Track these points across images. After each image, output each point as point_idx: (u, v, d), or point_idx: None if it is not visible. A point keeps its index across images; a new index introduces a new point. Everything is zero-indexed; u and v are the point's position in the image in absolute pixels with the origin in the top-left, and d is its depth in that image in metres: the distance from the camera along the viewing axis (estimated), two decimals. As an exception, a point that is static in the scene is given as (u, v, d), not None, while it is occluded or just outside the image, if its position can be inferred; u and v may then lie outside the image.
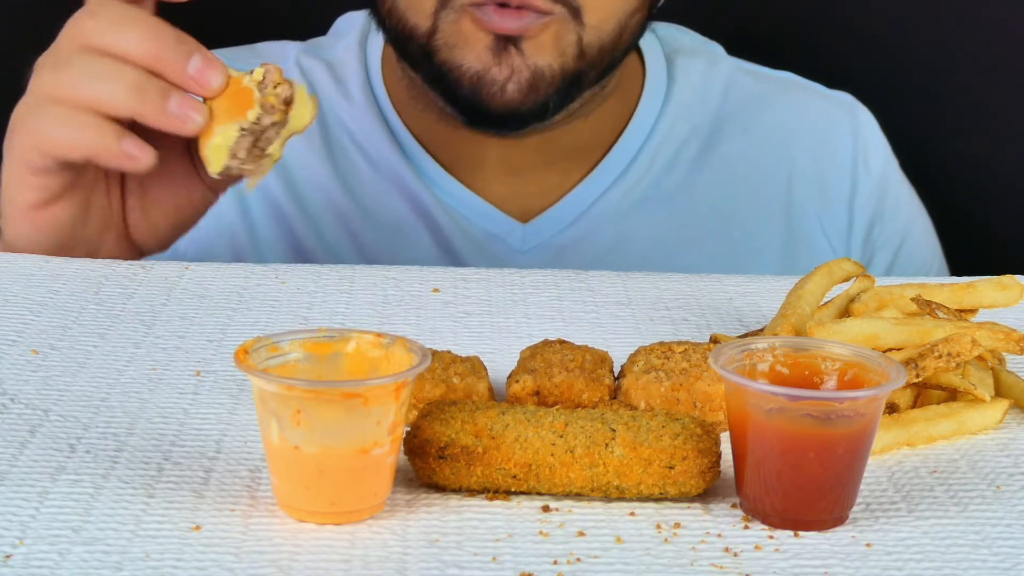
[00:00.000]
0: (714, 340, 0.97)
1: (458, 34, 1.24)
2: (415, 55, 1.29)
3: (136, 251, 1.16)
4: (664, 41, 1.46)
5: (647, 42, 1.44)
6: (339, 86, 1.41)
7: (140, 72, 1.01)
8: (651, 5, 1.33)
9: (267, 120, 0.99)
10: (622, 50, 1.31)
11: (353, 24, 1.44)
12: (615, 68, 1.33)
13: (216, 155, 1.00)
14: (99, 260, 1.14)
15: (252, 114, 0.99)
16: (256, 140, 1.00)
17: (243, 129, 0.99)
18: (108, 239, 1.14)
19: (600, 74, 1.31)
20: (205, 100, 1.02)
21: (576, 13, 1.24)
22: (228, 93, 1.00)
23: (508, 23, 1.22)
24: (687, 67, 1.44)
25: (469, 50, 1.24)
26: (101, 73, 1.01)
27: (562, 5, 1.23)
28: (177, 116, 1.00)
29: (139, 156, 1.02)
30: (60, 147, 1.03)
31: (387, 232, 1.37)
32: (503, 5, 1.22)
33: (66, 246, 1.11)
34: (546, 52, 1.24)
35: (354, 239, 1.37)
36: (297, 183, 1.38)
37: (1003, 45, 1.65)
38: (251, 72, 1.00)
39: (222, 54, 1.43)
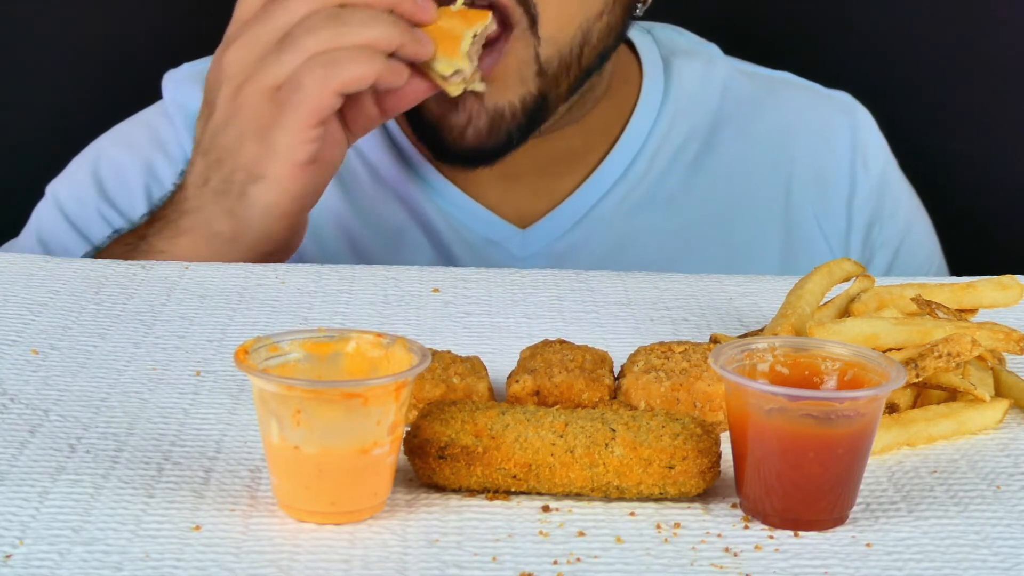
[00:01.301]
0: (714, 340, 0.97)
1: None
2: None
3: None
4: (661, 43, 1.45)
5: (643, 44, 1.43)
6: None
7: (393, 15, 1.17)
8: (627, 8, 1.32)
9: (491, 28, 1.21)
10: (592, 56, 1.30)
11: None
12: (590, 75, 1.32)
13: (460, 59, 1.19)
14: (99, 260, 1.14)
15: (484, 25, 1.20)
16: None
17: (475, 35, 1.19)
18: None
19: (572, 85, 1.30)
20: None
21: (533, 22, 1.24)
22: (437, 24, 1.20)
23: None
24: (684, 69, 1.43)
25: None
26: (370, 20, 1.16)
27: (523, 11, 1.23)
28: (422, 44, 1.17)
29: (402, 70, 1.18)
30: (354, 81, 1.16)
31: (386, 238, 1.37)
32: None
33: (309, 207, 1.22)
34: (507, 89, 1.25)
35: (352, 245, 1.37)
36: None
37: (1003, 44, 1.65)
38: (453, 4, 1.21)
39: None
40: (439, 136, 1.29)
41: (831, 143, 1.45)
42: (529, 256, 1.36)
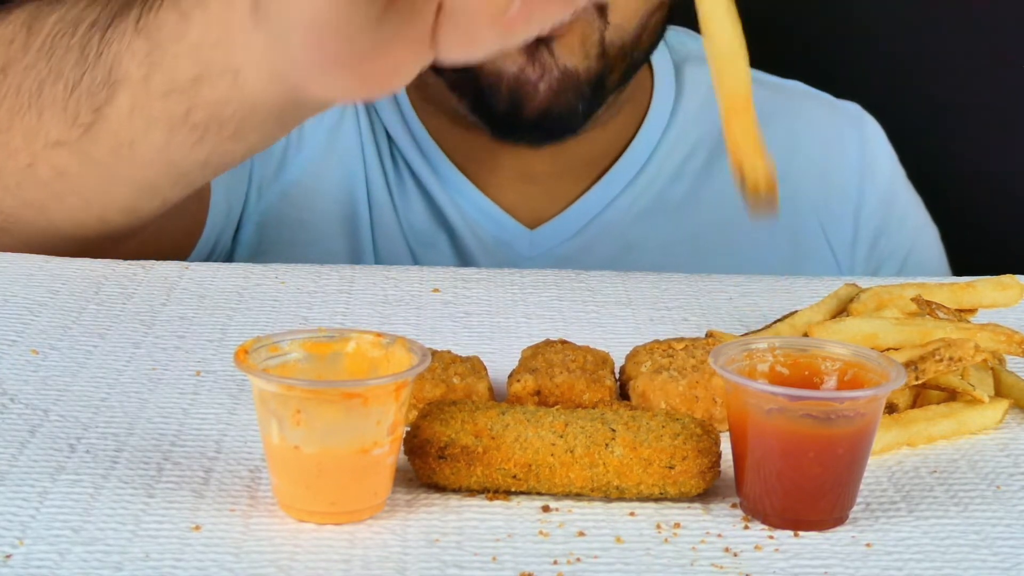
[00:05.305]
0: (710, 335, 0.97)
1: None
2: (450, 72, 1.30)
3: None
4: (673, 48, 1.45)
5: (656, 50, 1.44)
6: None
7: None
8: (670, 6, 1.33)
9: None
10: (642, 51, 1.32)
11: None
12: (636, 70, 1.33)
13: None
14: (99, 260, 1.14)
15: None
16: None
17: None
18: None
19: (621, 77, 1.31)
20: None
21: (602, 11, 1.25)
22: None
23: None
24: (696, 76, 1.44)
25: (505, 54, 1.25)
26: None
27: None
28: None
29: None
30: None
31: (407, 233, 1.37)
32: None
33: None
34: (574, 54, 1.26)
35: (373, 238, 1.37)
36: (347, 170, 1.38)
37: (1003, 47, 1.65)
38: None
39: None
40: (517, 95, 1.27)
41: (840, 154, 1.45)
42: (536, 256, 1.36)
